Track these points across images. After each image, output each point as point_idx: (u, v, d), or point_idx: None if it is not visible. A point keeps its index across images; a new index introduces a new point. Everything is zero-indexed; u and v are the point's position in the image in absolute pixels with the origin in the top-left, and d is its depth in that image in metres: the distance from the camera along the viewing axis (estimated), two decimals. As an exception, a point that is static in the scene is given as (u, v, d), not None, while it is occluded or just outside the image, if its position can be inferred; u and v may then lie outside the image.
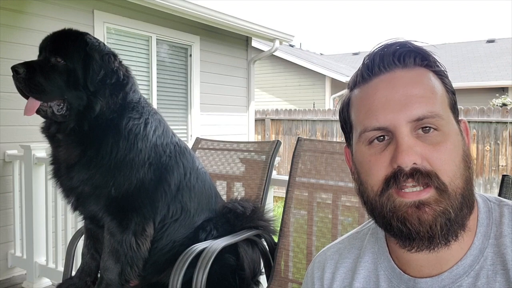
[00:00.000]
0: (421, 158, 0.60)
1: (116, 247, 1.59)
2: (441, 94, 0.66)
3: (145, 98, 1.74)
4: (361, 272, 0.75)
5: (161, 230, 1.68)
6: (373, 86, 0.67)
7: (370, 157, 0.65)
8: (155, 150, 1.64)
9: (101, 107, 1.53)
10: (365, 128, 0.66)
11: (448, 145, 0.62)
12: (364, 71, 0.69)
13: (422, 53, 0.67)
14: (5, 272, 3.16)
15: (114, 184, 1.55)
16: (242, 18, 4.96)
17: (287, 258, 1.84)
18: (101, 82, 1.54)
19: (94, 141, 1.55)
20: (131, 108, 1.61)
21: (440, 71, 0.68)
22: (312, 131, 8.08)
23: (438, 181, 0.60)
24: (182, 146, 1.78)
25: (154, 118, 1.68)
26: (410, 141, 0.61)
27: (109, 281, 1.61)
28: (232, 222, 1.78)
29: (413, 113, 0.62)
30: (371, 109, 0.65)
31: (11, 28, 3.26)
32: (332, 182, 1.81)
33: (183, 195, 1.70)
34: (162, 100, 4.60)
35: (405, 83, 0.65)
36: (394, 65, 0.66)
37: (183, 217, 1.71)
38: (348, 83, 0.74)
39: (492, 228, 0.66)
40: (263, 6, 6.67)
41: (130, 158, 1.57)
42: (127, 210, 1.59)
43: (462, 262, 0.64)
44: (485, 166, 6.46)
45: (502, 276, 0.62)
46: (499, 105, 9.99)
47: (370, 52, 0.69)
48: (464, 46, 16.42)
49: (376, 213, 0.66)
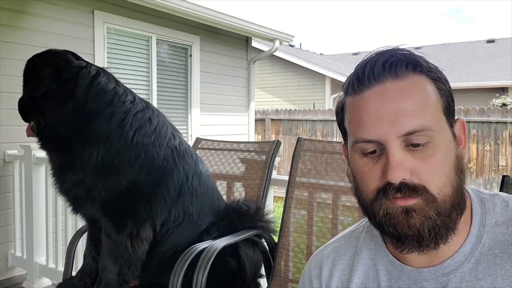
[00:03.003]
0: (410, 173, 0.62)
1: (113, 248, 1.59)
2: (434, 102, 0.65)
3: (132, 96, 1.69)
4: (359, 268, 0.76)
5: (165, 235, 1.67)
6: (364, 98, 0.67)
7: (363, 167, 0.67)
8: (145, 150, 1.61)
9: (57, 117, 1.59)
10: (357, 139, 0.67)
11: (438, 157, 0.63)
12: (355, 82, 0.68)
13: (414, 60, 0.66)
14: (5, 272, 3.16)
15: (103, 187, 1.57)
16: (242, 18, 4.96)
17: (287, 258, 1.84)
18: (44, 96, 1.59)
19: (69, 146, 1.61)
20: (98, 113, 1.60)
21: (433, 75, 0.67)
22: (312, 131, 8.08)
23: (426, 194, 0.63)
24: (182, 149, 1.73)
25: (137, 117, 1.64)
26: (400, 157, 0.62)
27: (108, 281, 1.61)
28: (235, 222, 1.77)
29: (403, 128, 0.63)
30: (361, 122, 0.66)
31: (11, 28, 3.26)
32: (332, 182, 1.81)
33: (185, 199, 1.69)
34: (162, 100, 4.60)
35: (395, 96, 0.64)
36: (385, 77, 0.66)
37: (185, 221, 1.69)
38: (342, 86, 0.73)
39: (487, 216, 0.69)
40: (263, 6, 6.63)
41: (109, 160, 1.57)
42: (121, 212, 1.59)
43: (462, 250, 0.67)
44: (485, 166, 6.46)
45: (501, 259, 0.65)
46: (499, 105, 9.99)
47: (361, 61, 0.69)
48: (464, 46, 16.42)
49: (370, 216, 0.69)
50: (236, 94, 5.59)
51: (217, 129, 5.25)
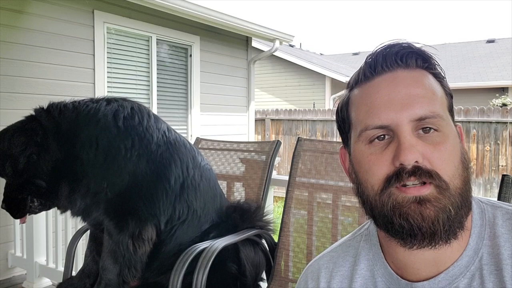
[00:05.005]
0: (422, 157, 0.61)
1: (114, 247, 1.58)
2: (441, 96, 0.67)
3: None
4: (358, 280, 0.74)
5: (170, 233, 1.64)
6: (375, 85, 0.67)
7: (370, 156, 0.65)
8: (137, 134, 1.58)
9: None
10: (366, 127, 0.66)
11: (448, 145, 0.63)
12: (367, 69, 0.69)
13: (424, 56, 0.67)
14: (5, 272, 3.16)
15: (108, 186, 1.56)
16: (242, 18, 4.96)
17: (287, 258, 1.84)
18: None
19: (70, 175, 1.60)
20: (79, 140, 1.58)
21: (439, 74, 0.69)
22: (312, 131, 8.08)
23: (440, 180, 0.60)
24: (172, 138, 1.69)
25: (112, 106, 1.62)
26: (412, 140, 0.61)
27: (108, 281, 1.61)
28: (237, 222, 1.76)
29: (415, 113, 0.62)
30: (373, 107, 0.66)
31: (11, 28, 3.26)
32: (332, 182, 1.81)
33: (189, 194, 1.65)
34: (162, 100, 4.60)
35: (407, 83, 0.65)
36: (397, 65, 0.67)
37: (190, 217, 1.67)
38: (348, 83, 0.73)
39: (486, 229, 0.67)
40: (263, 6, 6.64)
41: (106, 155, 1.56)
42: (123, 212, 1.58)
43: (457, 263, 0.65)
44: (485, 166, 6.46)
45: (496, 276, 0.62)
46: (499, 105, 9.99)
47: (372, 51, 0.70)
48: (464, 46, 16.42)
49: (376, 212, 0.66)
50: (236, 94, 5.59)
51: (217, 129, 5.25)
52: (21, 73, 3.32)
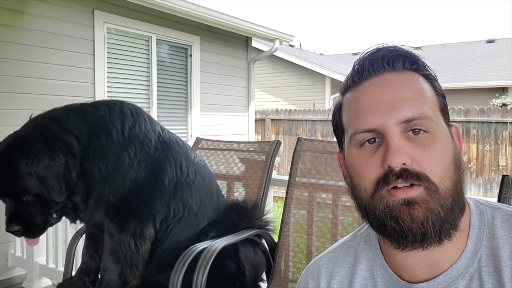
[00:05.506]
0: (411, 160, 0.61)
1: (116, 248, 1.59)
2: (431, 97, 0.66)
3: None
4: (357, 281, 0.74)
5: (166, 231, 1.66)
6: (363, 89, 0.68)
7: (361, 160, 0.66)
8: (138, 141, 1.60)
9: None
10: (355, 131, 0.67)
11: (438, 147, 0.63)
12: (355, 74, 0.70)
13: (411, 58, 0.68)
14: (5, 272, 3.16)
15: (110, 191, 1.57)
16: (242, 18, 4.96)
17: (287, 258, 1.84)
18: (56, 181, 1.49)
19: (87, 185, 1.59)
20: (98, 151, 1.57)
21: (429, 74, 0.68)
22: (312, 131, 8.08)
23: (429, 182, 0.61)
24: (166, 138, 1.70)
25: (113, 112, 1.62)
26: (400, 142, 0.62)
27: (109, 281, 1.61)
28: (235, 221, 1.76)
29: (402, 115, 0.63)
30: (361, 111, 0.66)
31: (11, 28, 3.26)
32: (332, 182, 1.81)
33: (183, 192, 1.67)
34: (162, 100, 4.60)
35: (394, 85, 0.66)
36: (383, 69, 0.67)
37: (186, 215, 1.68)
38: (340, 88, 0.74)
39: (485, 230, 0.67)
40: (263, 6, 6.66)
41: (112, 166, 1.57)
42: (124, 213, 1.59)
43: (456, 265, 0.65)
44: (485, 166, 6.46)
45: (494, 278, 0.62)
46: (499, 105, 9.99)
47: (359, 57, 0.70)
48: (464, 46, 16.42)
49: (370, 215, 0.66)
50: (236, 94, 5.59)
51: (217, 129, 5.26)
52: (21, 73, 3.32)
